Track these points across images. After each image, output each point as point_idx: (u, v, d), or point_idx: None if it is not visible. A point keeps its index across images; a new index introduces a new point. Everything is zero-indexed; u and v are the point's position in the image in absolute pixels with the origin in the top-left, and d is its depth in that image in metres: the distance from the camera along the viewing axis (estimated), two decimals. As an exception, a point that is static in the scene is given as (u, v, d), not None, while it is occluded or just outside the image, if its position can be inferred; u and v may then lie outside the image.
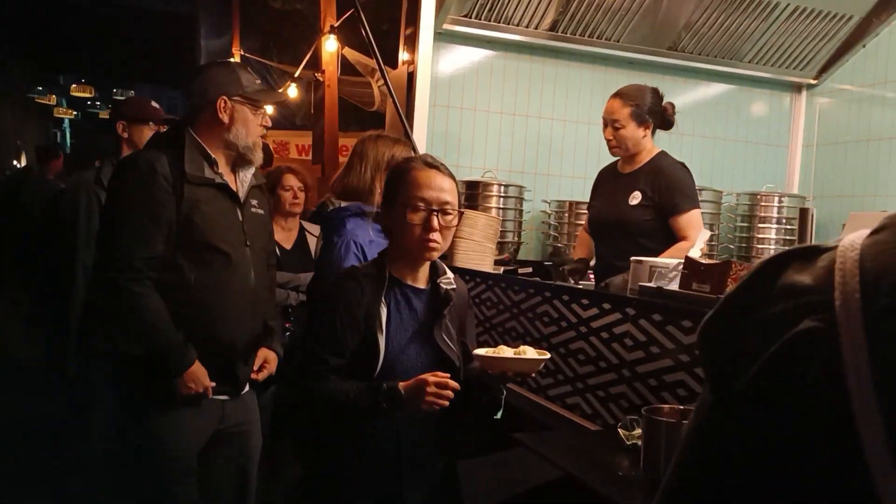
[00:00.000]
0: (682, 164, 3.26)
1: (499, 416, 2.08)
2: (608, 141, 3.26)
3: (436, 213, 1.94)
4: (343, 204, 2.78)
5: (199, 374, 2.33)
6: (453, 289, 2.07)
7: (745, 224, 4.77)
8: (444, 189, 1.97)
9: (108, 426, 2.54)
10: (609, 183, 3.40)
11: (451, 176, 2.04)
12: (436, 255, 2.02)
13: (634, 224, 3.19)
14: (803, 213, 1.90)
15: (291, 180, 3.91)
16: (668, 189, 3.16)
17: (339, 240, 2.70)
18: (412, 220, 1.93)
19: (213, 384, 2.38)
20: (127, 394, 2.42)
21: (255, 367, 2.55)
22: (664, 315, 2.21)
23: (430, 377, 1.86)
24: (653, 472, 1.85)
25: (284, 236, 3.86)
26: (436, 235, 1.94)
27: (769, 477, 0.71)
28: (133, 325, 2.29)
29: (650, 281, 2.45)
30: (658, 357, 2.22)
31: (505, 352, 1.95)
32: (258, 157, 2.52)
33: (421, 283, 2.04)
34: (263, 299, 2.57)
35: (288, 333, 3.53)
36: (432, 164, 2.01)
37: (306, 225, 3.92)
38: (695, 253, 2.69)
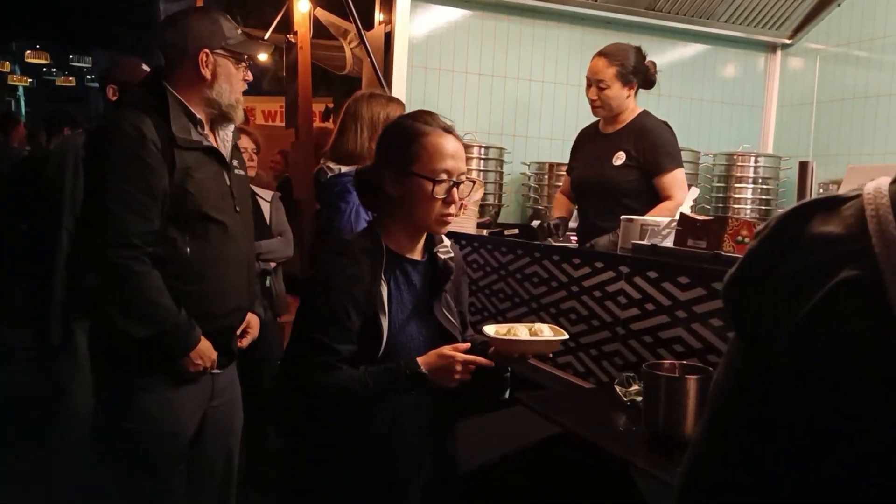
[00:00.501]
0: (666, 124, 3.23)
1: (506, 395, 2.03)
2: (592, 101, 3.21)
3: (456, 186, 1.81)
4: (343, 169, 2.73)
5: (205, 350, 2.22)
6: (451, 258, 1.95)
7: (722, 184, 4.80)
8: (462, 158, 1.84)
9: (96, 409, 2.40)
10: (591, 144, 3.36)
11: (461, 140, 1.90)
12: (447, 228, 1.91)
13: (618, 185, 3.16)
14: (803, 167, 1.90)
15: (245, 141, 3.67)
16: (653, 149, 3.14)
17: (348, 206, 2.66)
18: (437, 193, 1.77)
19: (216, 354, 2.28)
20: (119, 375, 2.24)
21: (239, 332, 2.46)
22: (660, 272, 2.21)
23: (457, 355, 1.76)
24: (653, 428, 1.86)
25: None
26: (454, 209, 1.82)
27: (821, 431, 0.70)
28: (136, 307, 2.11)
29: (642, 239, 2.45)
30: (653, 314, 2.22)
31: (519, 332, 1.90)
32: (239, 115, 2.33)
33: (417, 254, 1.91)
34: (253, 265, 2.47)
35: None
36: (449, 130, 1.84)
37: (257, 190, 3.70)
38: (685, 210, 2.70)
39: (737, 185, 4.73)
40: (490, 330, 1.91)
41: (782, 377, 0.73)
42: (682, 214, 2.27)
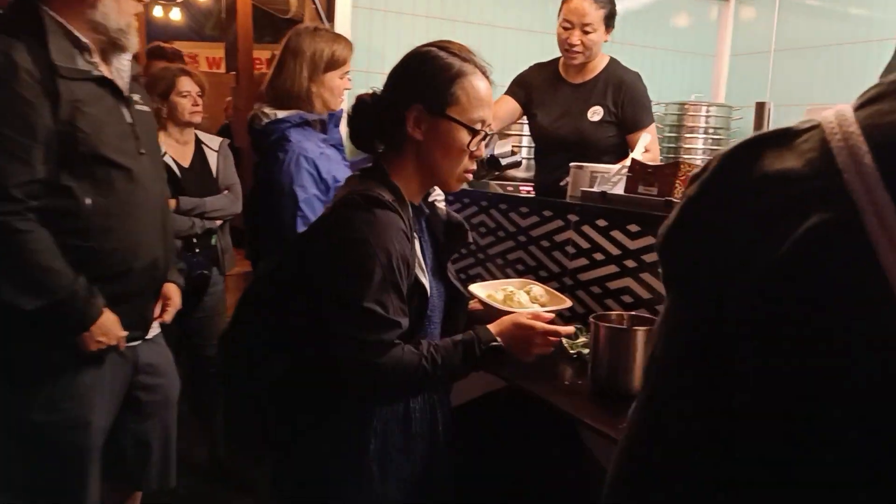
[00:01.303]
0: (637, 74, 3.08)
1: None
2: (572, 46, 2.95)
3: (484, 139, 1.59)
4: (280, 114, 2.51)
5: (109, 324, 1.92)
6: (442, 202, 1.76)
7: (674, 134, 4.74)
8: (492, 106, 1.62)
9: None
10: (555, 92, 3.12)
11: None
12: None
13: (597, 142, 2.96)
14: (759, 108, 1.82)
15: (188, 83, 3.33)
16: (631, 104, 2.99)
17: (286, 156, 2.43)
18: (472, 145, 1.55)
19: (126, 332, 1.98)
20: (15, 358, 1.92)
21: (158, 307, 2.15)
22: (609, 220, 2.13)
23: (536, 324, 1.58)
24: (599, 381, 1.80)
25: (180, 152, 3.30)
26: (475, 165, 1.61)
27: (797, 404, 0.61)
28: (23, 273, 1.79)
29: (592, 186, 2.36)
30: (602, 264, 2.15)
31: (518, 298, 1.84)
32: (133, 42, 1.99)
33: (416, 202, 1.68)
34: (167, 217, 2.14)
35: (202, 272, 3.21)
36: (486, 72, 1.60)
37: (203, 137, 3.41)
38: (636, 156, 2.62)
39: (687, 134, 4.68)
40: (480, 292, 1.79)
41: (741, 343, 0.63)
42: (633, 160, 2.19)
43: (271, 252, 2.54)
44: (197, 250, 3.22)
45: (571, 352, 2.01)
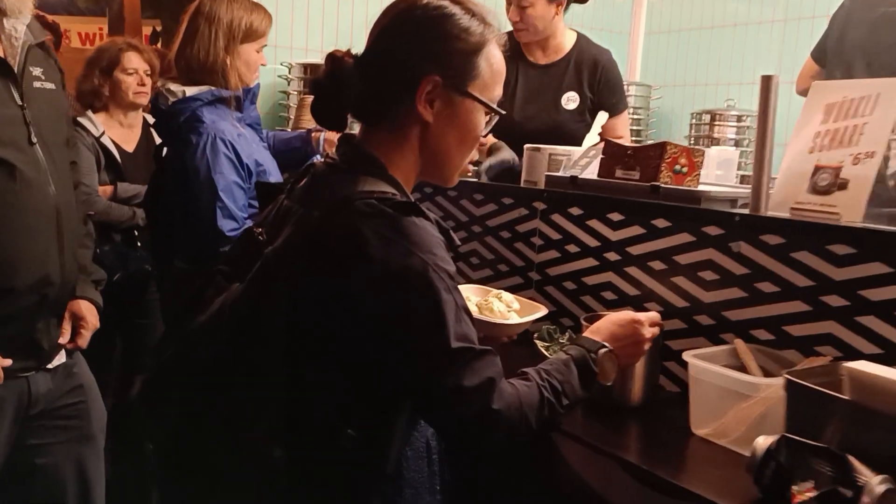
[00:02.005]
0: (609, 52, 2.82)
1: None
2: (514, 24, 2.67)
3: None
4: (190, 91, 2.17)
5: None
6: None
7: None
8: None
9: None
10: (521, 76, 2.77)
11: None
12: None
13: (573, 133, 2.60)
14: (766, 81, 1.64)
15: (135, 60, 3.03)
16: (609, 87, 2.73)
17: (200, 139, 2.11)
18: (483, 126, 1.29)
19: (9, 361, 1.66)
20: None
21: (66, 330, 1.82)
22: (584, 208, 1.92)
23: (638, 316, 1.38)
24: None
25: (124, 135, 3.05)
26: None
27: None
28: None
29: (554, 171, 2.14)
30: (576, 257, 1.94)
31: (492, 306, 1.62)
32: (24, 5, 1.68)
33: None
34: (71, 220, 1.79)
35: (144, 267, 2.81)
36: (499, 39, 1.31)
37: (151, 120, 3.07)
38: (592, 138, 2.42)
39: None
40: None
41: None
42: (607, 141, 1.98)
43: (186, 250, 2.22)
44: (139, 244, 2.88)
45: (547, 354, 1.79)
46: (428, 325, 1.12)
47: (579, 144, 2.37)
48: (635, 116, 4.52)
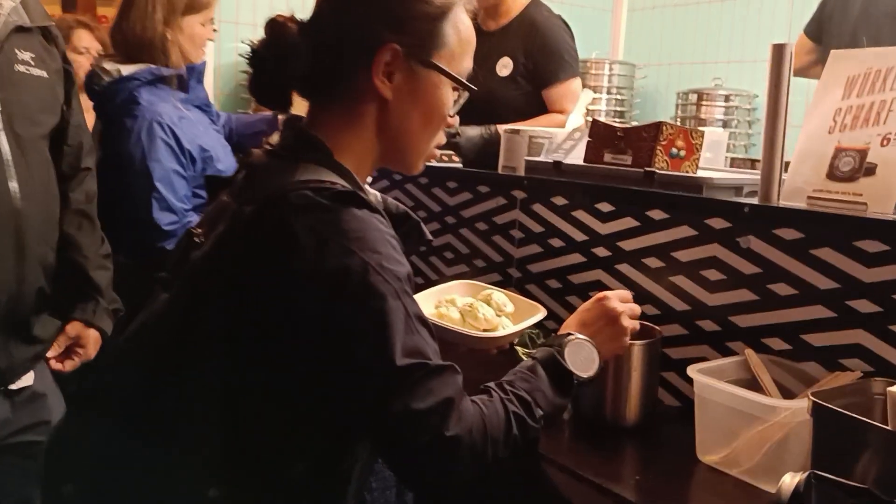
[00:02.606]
0: (561, 19, 2.62)
1: None
2: None
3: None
4: (126, 70, 1.96)
5: None
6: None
7: (575, 94, 4.39)
8: None
9: None
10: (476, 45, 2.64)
11: None
12: None
13: (505, 102, 2.49)
14: (778, 50, 1.42)
15: (86, 38, 2.83)
16: (544, 52, 2.52)
17: (136, 123, 1.91)
18: (451, 104, 1.11)
19: None
20: None
21: (60, 347, 1.61)
22: (570, 198, 1.70)
23: (604, 293, 1.21)
24: (584, 408, 1.40)
25: None
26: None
27: None
28: None
29: (534, 156, 1.92)
30: (561, 252, 1.72)
31: (480, 311, 1.40)
32: None
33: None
34: (38, 224, 1.53)
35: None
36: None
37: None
38: (577, 119, 2.20)
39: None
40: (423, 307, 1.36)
41: None
42: (594, 121, 1.76)
43: (124, 245, 1.99)
44: None
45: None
46: (369, 337, 0.93)
47: (510, 110, 2.28)
48: (618, 97, 4.33)
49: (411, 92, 1.06)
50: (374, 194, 1.25)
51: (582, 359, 1.14)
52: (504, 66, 2.55)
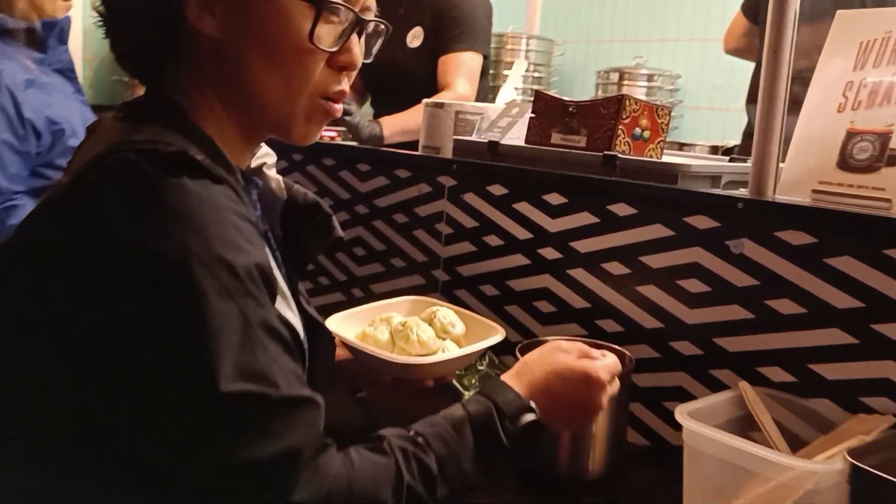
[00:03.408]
0: None
1: None
2: None
3: (360, 30, 0.84)
4: None
5: None
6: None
7: (490, 71, 4.10)
8: None
9: None
10: (383, 13, 2.32)
11: None
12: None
13: (413, 75, 2.24)
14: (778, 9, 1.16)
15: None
16: (449, 16, 2.25)
17: None
18: (319, 38, 0.78)
19: None
20: None
21: None
22: (510, 187, 1.40)
23: (599, 371, 0.88)
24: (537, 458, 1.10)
25: None
26: (348, 82, 0.84)
27: None
28: None
29: (468, 135, 1.61)
30: (500, 252, 1.42)
31: (419, 333, 1.07)
32: None
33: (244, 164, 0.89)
34: None
35: None
36: None
37: None
38: (510, 93, 1.90)
39: (506, 71, 4.09)
40: (342, 329, 1.11)
41: None
42: (538, 94, 1.46)
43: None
44: None
45: (467, 394, 1.27)
46: (182, 350, 0.65)
47: (422, 85, 2.10)
48: (535, 74, 4.07)
49: (242, 20, 0.77)
50: (275, 179, 0.95)
51: (530, 438, 0.85)
52: (415, 37, 2.28)
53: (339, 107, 0.84)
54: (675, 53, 3.91)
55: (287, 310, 0.82)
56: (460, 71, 2.25)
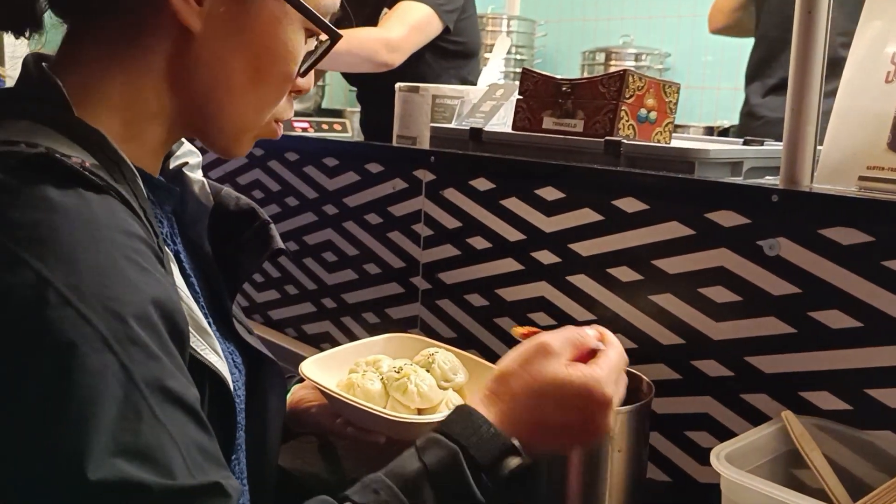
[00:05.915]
0: None
1: None
2: None
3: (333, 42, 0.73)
4: None
5: None
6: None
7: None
8: None
9: None
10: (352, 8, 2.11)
11: None
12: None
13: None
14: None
15: None
16: None
17: None
18: (294, 47, 0.68)
19: None
20: None
21: None
22: (496, 181, 1.21)
23: (603, 386, 0.68)
24: (540, 497, 0.93)
25: None
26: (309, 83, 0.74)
27: None
28: None
29: (447, 122, 1.43)
30: (487, 256, 1.24)
31: (417, 382, 0.90)
32: None
33: (156, 172, 0.73)
34: None
35: None
36: None
37: None
38: (493, 74, 1.72)
39: (486, 54, 3.90)
40: (323, 377, 0.93)
41: None
42: (526, 72, 1.27)
43: None
44: None
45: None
46: (39, 421, 0.48)
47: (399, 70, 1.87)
48: (517, 56, 3.89)
49: (235, 22, 0.65)
50: (199, 181, 0.78)
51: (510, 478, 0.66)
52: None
53: (281, 128, 0.74)
54: (664, 31, 3.73)
55: (209, 351, 0.63)
56: (395, 14, 1.98)
